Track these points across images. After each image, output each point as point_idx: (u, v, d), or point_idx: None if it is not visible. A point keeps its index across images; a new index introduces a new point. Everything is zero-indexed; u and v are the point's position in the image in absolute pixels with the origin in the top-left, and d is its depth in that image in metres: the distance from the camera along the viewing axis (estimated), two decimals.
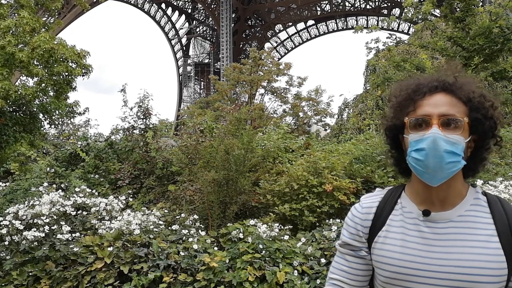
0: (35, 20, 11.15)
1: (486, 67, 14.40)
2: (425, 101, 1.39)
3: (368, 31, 15.86)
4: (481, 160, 1.47)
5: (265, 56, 26.43)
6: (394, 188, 1.58)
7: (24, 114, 11.27)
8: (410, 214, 1.46)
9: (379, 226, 1.50)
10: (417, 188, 1.47)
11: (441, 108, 1.36)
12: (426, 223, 1.42)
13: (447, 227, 1.40)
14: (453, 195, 1.42)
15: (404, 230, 1.45)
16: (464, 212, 1.42)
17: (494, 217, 1.40)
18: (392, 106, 1.49)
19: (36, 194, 7.30)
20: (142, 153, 9.23)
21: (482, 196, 1.47)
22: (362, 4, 65.44)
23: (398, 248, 1.42)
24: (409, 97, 1.42)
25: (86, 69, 11.43)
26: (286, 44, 74.04)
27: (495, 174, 8.38)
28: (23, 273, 5.71)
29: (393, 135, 1.50)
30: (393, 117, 1.47)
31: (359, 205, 1.60)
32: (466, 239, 1.37)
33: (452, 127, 1.34)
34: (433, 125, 1.33)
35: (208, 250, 5.93)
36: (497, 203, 1.44)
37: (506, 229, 1.37)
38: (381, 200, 1.55)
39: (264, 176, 7.95)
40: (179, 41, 72.94)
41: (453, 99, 1.38)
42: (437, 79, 1.42)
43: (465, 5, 14.88)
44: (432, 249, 1.38)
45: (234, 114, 9.24)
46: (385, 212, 1.51)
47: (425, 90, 1.40)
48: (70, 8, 42.80)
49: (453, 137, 1.33)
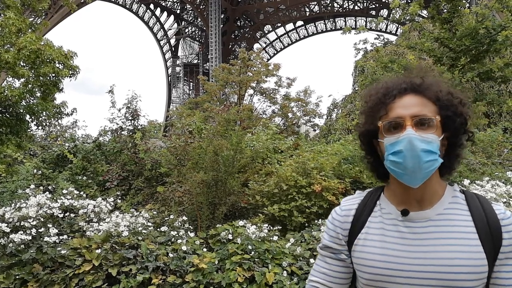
0: (21, 20, 11.04)
1: (472, 67, 14.55)
2: (396, 104, 1.39)
3: (357, 32, 15.94)
4: (456, 157, 1.47)
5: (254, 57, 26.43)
6: (374, 190, 1.59)
7: (10, 116, 11.14)
8: (389, 215, 1.47)
9: (358, 229, 1.50)
10: (395, 189, 1.47)
11: (413, 109, 1.37)
12: (405, 223, 1.43)
13: (426, 226, 1.41)
14: (430, 194, 1.43)
15: (383, 231, 1.45)
16: (443, 210, 1.42)
17: (473, 214, 1.41)
18: (364, 112, 1.50)
19: (22, 196, 7.22)
20: (131, 154, 9.18)
21: (460, 194, 1.48)
22: (350, 5, 65.76)
23: (378, 249, 1.43)
24: (380, 101, 1.42)
25: (73, 70, 11.34)
26: (275, 44, 74.17)
27: (481, 173, 8.47)
28: (10, 276, 5.64)
29: (367, 141, 1.50)
30: (366, 123, 1.47)
31: (339, 208, 1.61)
32: (446, 238, 1.37)
33: (426, 127, 1.36)
34: (407, 126, 1.34)
35: (197, 251, 5.92)
36: (475, 200, 1.45)
37: (485, 226, 1.38)
38: (360, 202, 1.56)
39: (253, 177, 7.95)
40: (168, 41, 72.71)
41: (423, 99, 1.40)
42: (405, 81, 1.43)
43: (452, 6, 15.03)
44: (412, 248, 1.39)
45: (223, 115, 9.23)
46: (364, 214, 1.52)
47: (394, 92, 1.41)
48: (57, 8, 42.43)
49: (427, 136, 1.34)
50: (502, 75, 14.50)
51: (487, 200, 1.47)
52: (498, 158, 10.34)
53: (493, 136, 10.67)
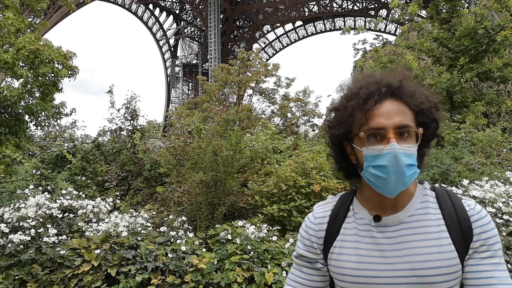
0: (20, 20, 11.03)
1: (471, 67, 14.57)
2: (376, 111, 1.34)
3: (356, 32, 15.96)
4: (423, 156, 1.46)
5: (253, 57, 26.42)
6: (346, 194, 1.56)
7: (9, 116, 11.13)
8: (362, 221, 1.45)
9: (333, 236, 1.48)
10: (368, 194, 1.45)
11: (395, 118, 1.32)
12: (378, 229, 1.41)
13: (399, 229, 1.39)
14: (404, 196, 1.41)
15: (358, 238, 1.43)
16: (414, 211, 1.41)
17: (443, 212, 1.40)
18: (339, 115, 1.43)
19: (21, 197, 7.21)
20: (130, 154, 9.17)
21: (430, 192, 1.46)
22: (349, 5, 65.78)
23: (353, 257, 1.41)
24: (360, 106, 1.36)
25: (72, 71, 11.34)
26: (274, 44, 74.17)
27: (480, 173, 8.47)
28: (9, 277, 5.64)
29: (339, 142, 1.47)
30: (341, 126, 1.41)
31: (312, 216, 1.57)
32: (418, 240, 1.36)
33: (406, 137, 1.33)
34: (391, 139, 1.30)
35: (196, 251, 5.92)
36: (445, 198, 1.44)
37: (455, 223, 1.37)
38: (334, 208, 1.53)
39: (252, 177, 7.95)
40: (167, 42, 72.69)
41: (401, 105, 1.36)
42: (384, 84, 1.38)
43: (451, 6, 15.05)
44: (386, 254, 1.37)
45: (222, 115, 9.23)
46: (338, 220, 1.49)
47: (375, 98, 1.35)
48: (56, 8, 42.39)
49: (409, 149, 1.32)
50: (501, 75, 14.52)
51: (458, 196, 1.45)
52: (497, 158, 10.34)
53: (492, 136, 10.67)
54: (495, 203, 6.64)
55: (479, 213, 1.38)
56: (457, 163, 8.58)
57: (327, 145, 1.53)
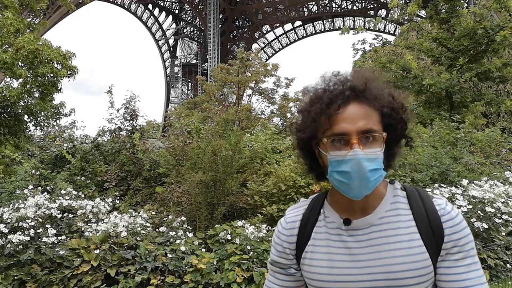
0: (20, 20, 11.03)
1: (471, 67, 14.58)
2: (340, 115, 1.30)
3: (355, 32, 15.97)
4: (393, 156, 1.44)
5: (253, 57, 26.41)
6: (317, 197, 1.53)
7: (8, 116, 11.12)
8: (333, 224, 1.43)
9: (305, 241, 1.46)
10: (338, 197, 1.43)
11: (359, 123, 1.29)
12: (348, 232, 1.39)
13: (369, 232, 1.37)
14: (373, 198, 1.39)
15: (329, 242, 1.41)
16: (385, 213, 1.38)
17: (414, 212, 1.38)
18: (304, 119, 1.41)
19: (21, 197, 7.20)
20: (129, 154, 9.17)
21: (401, 191, 1.44)
22: (348, 5, 65.80)
23: (325, 262, 1.39)
24: (323, 111, 1.32)
25: (71, 71, 11.33)
26: (274, 45, 74.16)
27: (480, 173, 8.48)
28: (8, 277, 5.63)
29: (307, 146, 1.43)
30: (306, 131, 1.39)
31: (283, 220, 1.54)
32: (389, 242, 1.34)
33: (370, 141, 1.30)
34: (354, 144, 1.27)
35: (196, 251, 5.92)
36: (416, 197, 1.41)
37: (426, 223, 1.35)
38: (305, 212, 1.51)
39: (251, 177, 7.95)
40: (166, 42, 72.66)
41: (366, 108, 1.32)
42: (348, 87, 1.35)
43: (450, 6, 15.06)
44: (357, 258, 1.35)
45: (222, 115, 9.23)
46: (310, 224, 1.47)
47: (339, 102, 1.31)
48: (55, 8, 42.37)
49: (374, 154, 1.30)
50: (500, 75, 14.53)
51: (429, 195, 1.42)
52: (497, 158, 10.35)
53: (491, 136, 10.68)
54: (495, 203, 6.65)
55: (450, 213, 1.36)
56: (457, 163, 8.59)
57: (295, 147, 1.50)
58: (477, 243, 6.30)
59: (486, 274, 6.04)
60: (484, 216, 6.46)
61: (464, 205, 6.37)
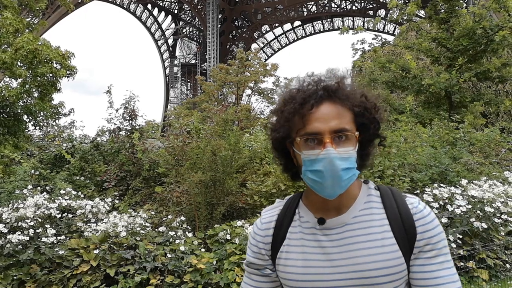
0: (19, 20, 11.03)
1: (470, 67, 14.59)
2: (313, 115, 1.32)
3: (354, 32, 15.98)
4: (367, 155, 1.44)
5: (252, 57, 26.45)
6: (293, 197, 1.54)
7: (8, 116, 11.12)
8: (307, 224, 1.43)
9: (280, 241, 1.46)
10: (313, 197, 1.43)
11: (331, 122, 1.30)
12: (323, 232, 1.39)
13: (343, 231, 1.38)
14: (347, 198, 1.40)
15: (303, 242, 1.41)
16: (358, 212, 1.39)
17: (387, 211, 1.38)
18: (278, 119, 1.42)
19: (20, 197, 7.20)
20: (128, 154, 9.16)
21: (374, 191, 1.45)
22: (348, 5, 65.84)
23: (300, 262, 1.39)
24: (296, 111, 1.34)
25: (70, 71, 11.33)
26: (273, 45, 74.20)
27: (479, 173, 8.48)
28: (7, 277, 5.63)
29: (281, 146, 1.44)
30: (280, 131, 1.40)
31: (259, 221, 1.54)
32: (362, 241, 1.35)
33: (343, 140, 1.31)
34: (327, 144, 1.29)
35: (195, 251, 5.92)
36: (389, 196, 1.42)
37: (399, 222, 1.35)
38: (280, 212, 1.51)
39: (251, 177, 7.95)
40: (165, 41, 72.66)
41: (339, 108, 1.33)
42: (322, 87, 1.36)
43: (449, 6, 15.07)
44: (331, 257, 1.36)
45: (221, 115, 9.23)
46: (285, 225, 1.47)
47: (312, 102, 1.32)
48: (54, 8, 42.36)
49: (347, 153, 1.31)
50: (500, 75, 14.54)
51: (401, 194, 1.43)
52: (496, 158, 10.36)
53: (491, 136, 10.69)
54: (494, 203, 6.65)
55: (422, 211, 1.36)
56: (456, 163, 8.59)
57: (272, 151, 1.51)
58: (476, 243, 6.31)
59: (485, 274, 6.04)
60: (483, 216, 6.47)
61: (464, 205, 6.38)
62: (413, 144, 9.29)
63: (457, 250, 6.02)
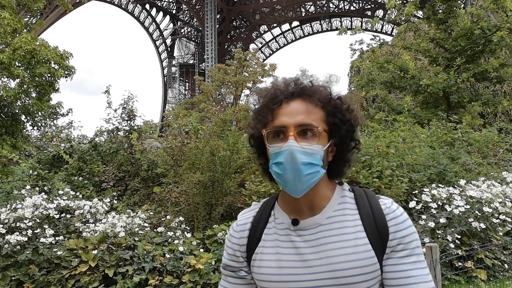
0: (17, 20, 11.02)
1: (468, 68, 14.62)
2: (282, 110, 1.34)
3: (352, 33, 16.00)
4: (345, 162, 1.44)
5: (250, 57, 26.46)
6: (269, 200, 1.55)
7: (5, 116, 11.10)
8: (282, 225, 1.44)
9: (255, 243, 1.46)
10: (287, 197, 1.44)
11: (297, 117, 1.32)
12: (297, 232, 1.40)
13: (317, 232, 1.38)
14: (319, 199, 1.40)
15: (278, 243, 1.42)
16: (332, 213, 1.39)
17: (360, 212, 1.39)
18: (253, 115, 1.45)
19: (18, 197, 7.19)
20: (127, 155, 9.16)
21: (349, 192, 1.45)
22: (346, 5, 65.90)
23: (274, 263, 1.40)
24: (267, 106, 1.37)
25: (68, 71, 11.34)
26: (271, 45, 74.24)
27: (477, 174, 8.50)
28: (5, 278, 5.62)
29: (258, 143, 1.45)
30: (254, 126, 1.42)
31: (235, 224, 1.56)
32: (335, 241, 1.35)
33: (309, 136, 1.32)
34: (289, 136, 1.30)
35: (194, 252, 5.92)
36: (363, 197, 1.42)
37: (372, 223, 1.36)
38: (256, 214, 1.52)
39: (249, 177, 7.95)
40: (163, 42, 72.63)
41: (310, 106, 1.35)
42: (294, 85, 1.38)
43: (447, 6, 15.10)
44: (306, 257, 1.36)
45: (220, 115, 9.23)
46: (260, 226, 1.47)
47: (281, 98, 1.36)
48: (52, 8, 42.31)
49: (310, 148, 1.31)
50: (497, 75, 14.57)
51: (375, 195, 1.44)
52: (494, 158, 10.38)
53: (489, 137, 10.71)
54: (492, 203, 6.66)
55: (394, 211, 1.37)
56: (454, 163, 8.61)
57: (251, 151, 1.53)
58: (474, 243, 6.32)
59: (484, 274, 6.05)
60: (481, 216, 6.48)
61: (462, 205, 6.39)
62: (411, 144, 9.30)
63: (455, 250, 6.03)
